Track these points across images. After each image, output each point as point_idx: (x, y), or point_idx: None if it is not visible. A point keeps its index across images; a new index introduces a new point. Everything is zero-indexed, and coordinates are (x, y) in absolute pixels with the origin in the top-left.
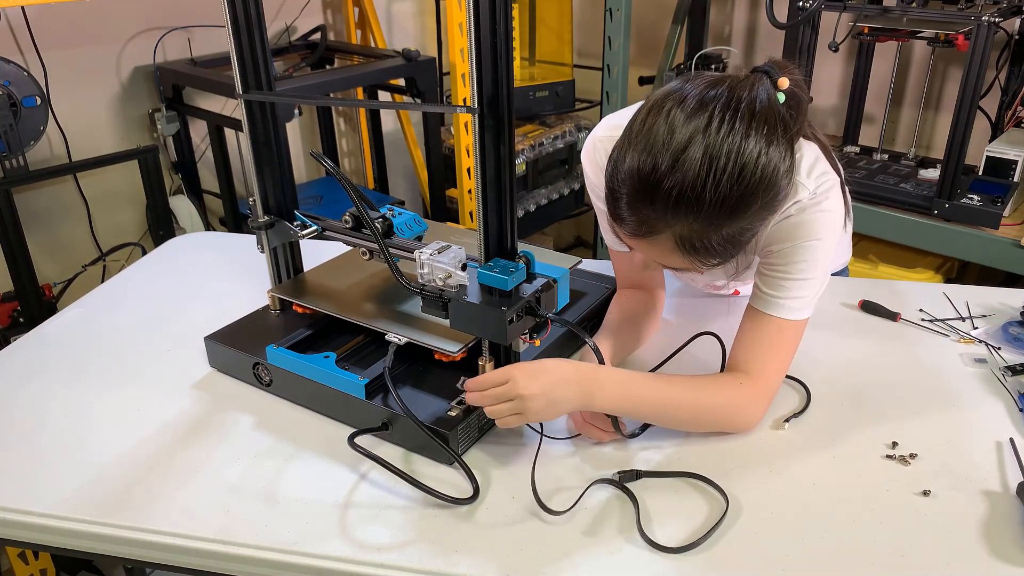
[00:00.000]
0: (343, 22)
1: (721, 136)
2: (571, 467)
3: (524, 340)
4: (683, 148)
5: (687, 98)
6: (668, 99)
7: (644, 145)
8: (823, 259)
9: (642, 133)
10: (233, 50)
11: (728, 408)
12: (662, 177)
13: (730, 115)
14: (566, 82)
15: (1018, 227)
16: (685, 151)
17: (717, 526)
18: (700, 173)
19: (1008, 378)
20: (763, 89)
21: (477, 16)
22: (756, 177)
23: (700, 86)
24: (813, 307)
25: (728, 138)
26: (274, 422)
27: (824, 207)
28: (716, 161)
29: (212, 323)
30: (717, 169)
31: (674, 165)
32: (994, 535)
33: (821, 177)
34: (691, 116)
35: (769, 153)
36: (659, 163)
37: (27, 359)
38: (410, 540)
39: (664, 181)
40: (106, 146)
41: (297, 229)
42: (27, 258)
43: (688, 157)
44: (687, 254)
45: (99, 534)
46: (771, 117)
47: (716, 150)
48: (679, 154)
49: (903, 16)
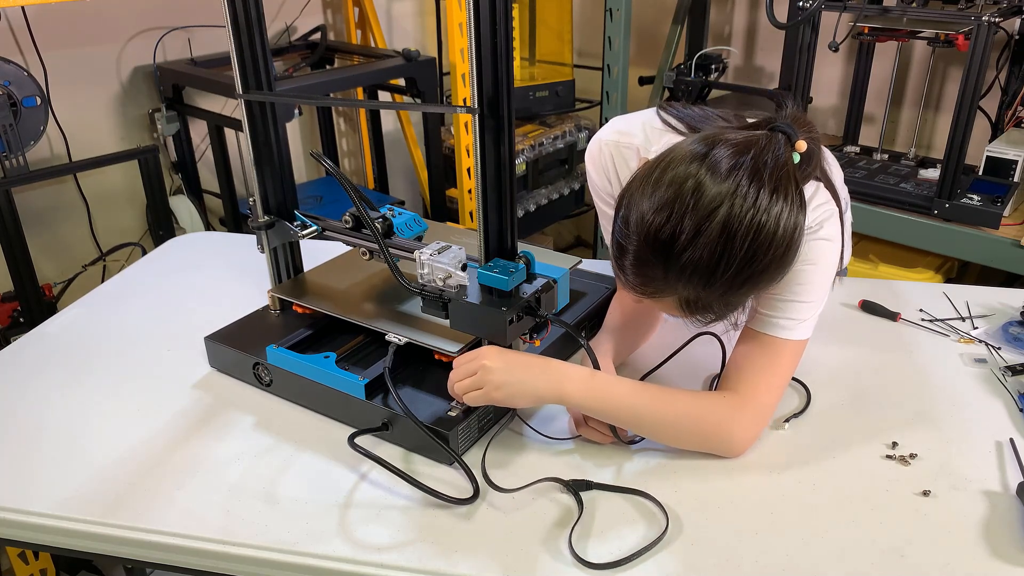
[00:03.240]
0: (343, 22)
1: (740, 212)
2: (566, 464)
3: (524, 340)
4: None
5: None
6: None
7: (660, 207)
8: (818, 283)
9: (658, 199)
10: (233, 50)
11: (710, 421)
12: (678, 252)
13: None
14: (566, 82)
15: (1018, 227)
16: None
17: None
18: (716, 252)
19: (1008, 378)
20: (782, 153)
21: (477, 16)
22: (768, 257)
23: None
24: (809, 331)
25: (747, 217)
26: (274, 422)
27: (820, 235)
28: (732, 242)
29: (212, 323)
30: (732, 250)
31: (691, 241)
32: (994, 535)
33: (819, 208)
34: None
35: (784, 227)
36: (676, 235)
37: (27, 359)
38: (410, 540)
39: (678, 255)
40: (106, 146)
41: (297, 229)
42: (27, 258)
43: (706, 232)
44: (689, 313)
45: (99, 534)
46: (789, 186)
47: (734, 230)
48: (697, 229)
49: (903, 16)
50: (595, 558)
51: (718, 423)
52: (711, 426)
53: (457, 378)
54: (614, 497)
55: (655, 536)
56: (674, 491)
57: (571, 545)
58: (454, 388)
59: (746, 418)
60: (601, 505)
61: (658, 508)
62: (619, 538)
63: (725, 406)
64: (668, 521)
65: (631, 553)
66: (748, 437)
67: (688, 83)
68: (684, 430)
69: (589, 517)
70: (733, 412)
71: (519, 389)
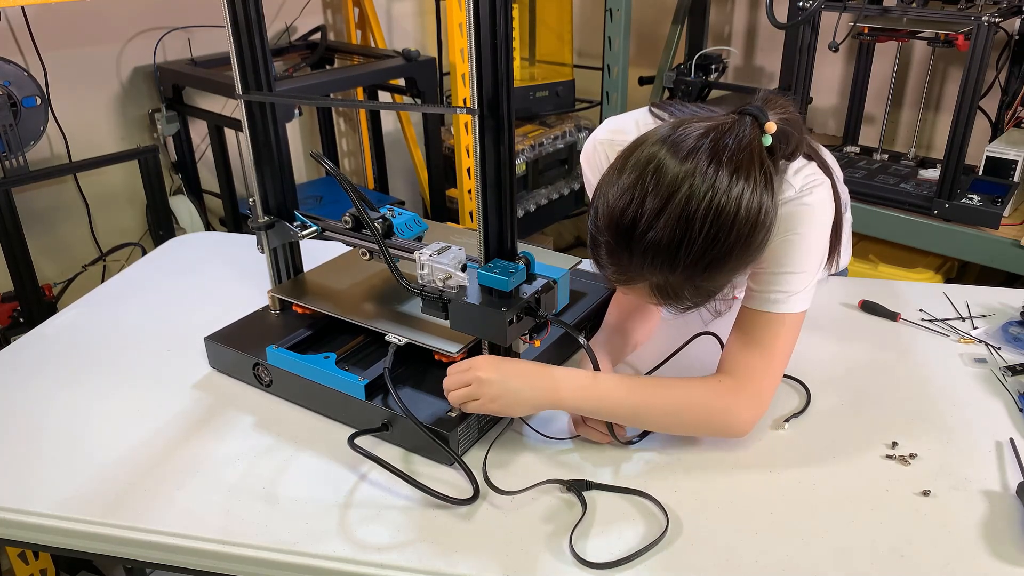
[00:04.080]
0: (343, 22)
1: (699, 193)
2: (565, 464)
3: (524, 341)
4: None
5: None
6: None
7: (623, 191)
8: (807, 251)
9: (621, 185)
10: (233, 50)
11: (708, 408)
12: (640, 234)
13: (712, 171)
14: (566, 82)
15: (1018, 227)
16: (662, 210)
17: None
18: (676, 234)
19: (1008, 378)
20: (746, 135)
21: (477, 16)
22: (731, 238)
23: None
24: (804, 303)
25: (706, 198)
26: (274, 422)
27: (806, 201)
28: (692, 224)
29: (212, 323)
30: (692, 232)
31: (651, 223)
32: (994, 535)
33: (808, 177)
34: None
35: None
36: (637, 218)
37: (27, 359)
38: (410, 540)
39: (640, 238)
40: (106, 146)
41: (297, 229)
42: (27, 258)
43: (665, 214)
44: (663, 300)
45: (99, 534)
46: (752, 167)
47: (692, 211)
48: (657, 211)
49: (903, 16)
50: (595, 558)
51: (716, 410)
52: (710, 413)
53: (452, 387)
54: (614, 497)
55: (655, 536)
56: (674, 491)
57: (571, 545)
58: (450, 396)
59: (743, 401)
60: (601, 505)
61: (658, 508)
62: (619, 538)
63: (722, 391)
64: (668, 521)
65: (631, 553)
66: (748, 419)
67: (688, 83)
68: (684, 420)
69: (589, 517)
70: (730, 397)
71: (515, 399)
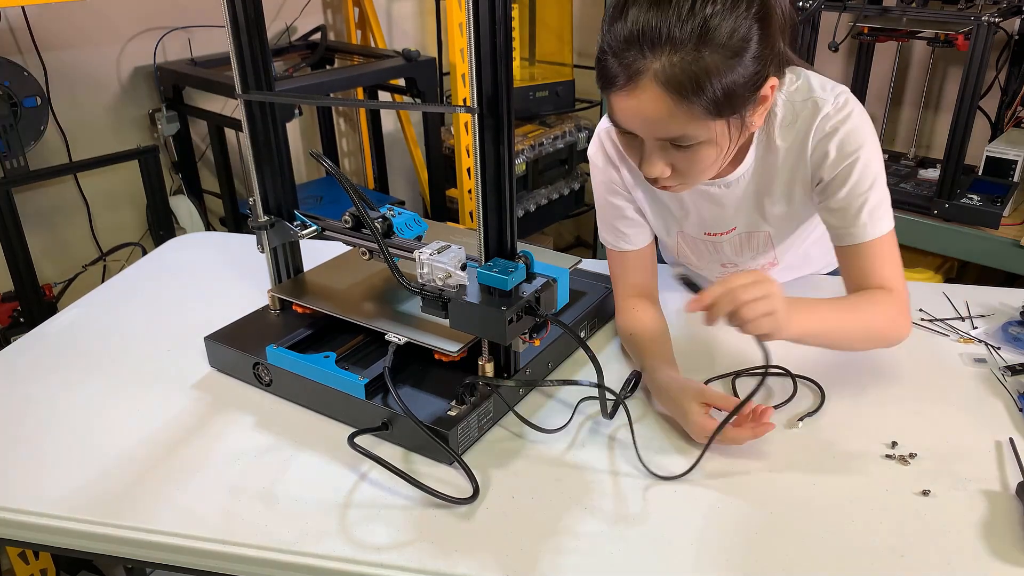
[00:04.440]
0: (343, 22)
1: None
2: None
3: (524, 340)
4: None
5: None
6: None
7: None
8: (873, 163)
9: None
10: (233, 50)
11: (890, 321)
12: (634, 23)
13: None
14: (566, 82)
15: (1018, 227)
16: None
17: None
18: (668, 13)
19: (1008, 378)
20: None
21: (477, 16)
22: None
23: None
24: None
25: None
26: (274, 422)
27: (853, 117)
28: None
29: (212, 323)
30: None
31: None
32: (994, 535)
33: (835, 88)
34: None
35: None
36: (631, 14)
37: (27, 359)
38: (410, 540)
39: (637, 24)
40: (106, 146)
41: (297, 229)
42: (27, 258)
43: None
44: (675, 97)
45: (99, 534)
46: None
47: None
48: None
49: (903, 16)
50: (594, 555)
51: (894, 319)
52: (890, 326)
53: (750, 296)
54: (613, 497)
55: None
56: (673, 491)
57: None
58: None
59: (907, 309)
60: (601, 504)
61: (658, 507)
62: (620, 535)
63: (893, 305)
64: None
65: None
66: (910, 325)
67: None
68: (872, 336)
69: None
70: (899, 305)
71: (783, 320)
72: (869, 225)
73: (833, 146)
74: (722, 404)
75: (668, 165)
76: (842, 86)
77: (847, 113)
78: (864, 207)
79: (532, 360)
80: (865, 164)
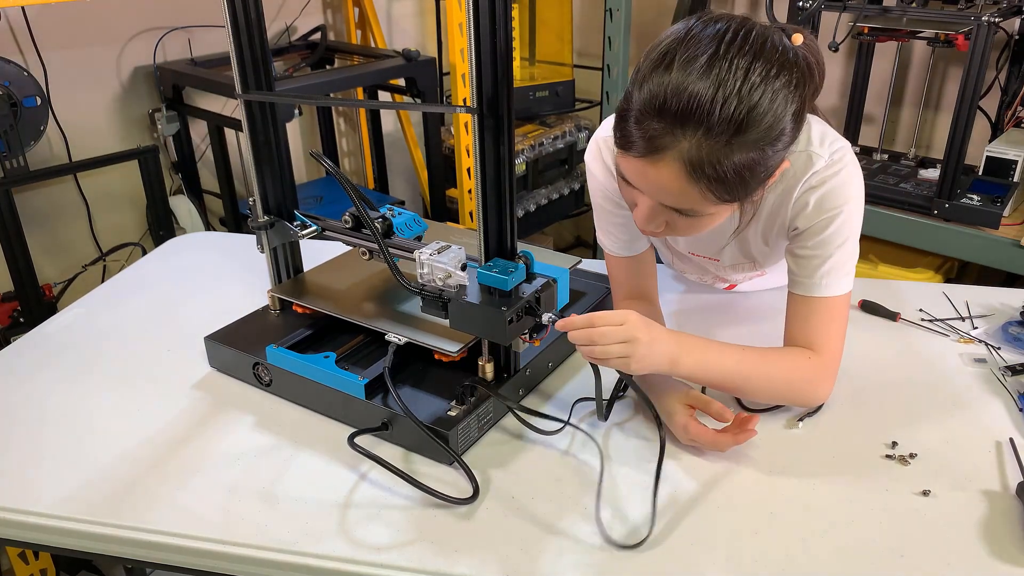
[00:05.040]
0: (343, 22)
1: (731, 60)
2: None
3: (524, 340)
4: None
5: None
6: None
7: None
8: (851, 223)
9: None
10: (233, 50)
11: (801, 380)
12: (671, 93)
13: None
14: (566, 82)
15: (1018, 227)
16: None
17: None
18: (707, 91)
19: (1008, 378)
20: (777, 35)
21: (477, 16)
22: (765, 101)
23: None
24: (851, 281)
25: (738, 60)
26: (274, 422)
27: (841, 175)
28: (724, 83)
29: (212, 323)
30: (725, 88)
31: (683, 83)
32: (994, 535)
33: (834, 144)
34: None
35: (776, 84)
36: (667, 81)
37: (27, 359)
38: (410, 540)
39: (672, 97)
40: (106, 146)
41: (297, 229)
42: (27, 258)
43: (699, 77)
44: (694, 179)
45: (99, 534)
46: (783, 58)
47: (725, 74)
48: (690, 74)
49: (903, 16)
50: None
51: (809, 382)
52: (803, 384)
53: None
54: (613, 496)
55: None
56: (673, 490)
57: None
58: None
59: (830, 374)
60: (600, 504)
61: (657, 507)
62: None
63: (812, 364)
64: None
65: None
66: (830, 389)
67: None
68: (778, 390)
69: (588, 513)
70: (819, 370)
71: (649, 363)
72: (824, 282)
73: (815, 198)
74: (701, 407)
75: (664, 223)
76: (843, 140)
77: (838, 169)
78: (826, 263)
79: (532, 360)
80: (843, 223)
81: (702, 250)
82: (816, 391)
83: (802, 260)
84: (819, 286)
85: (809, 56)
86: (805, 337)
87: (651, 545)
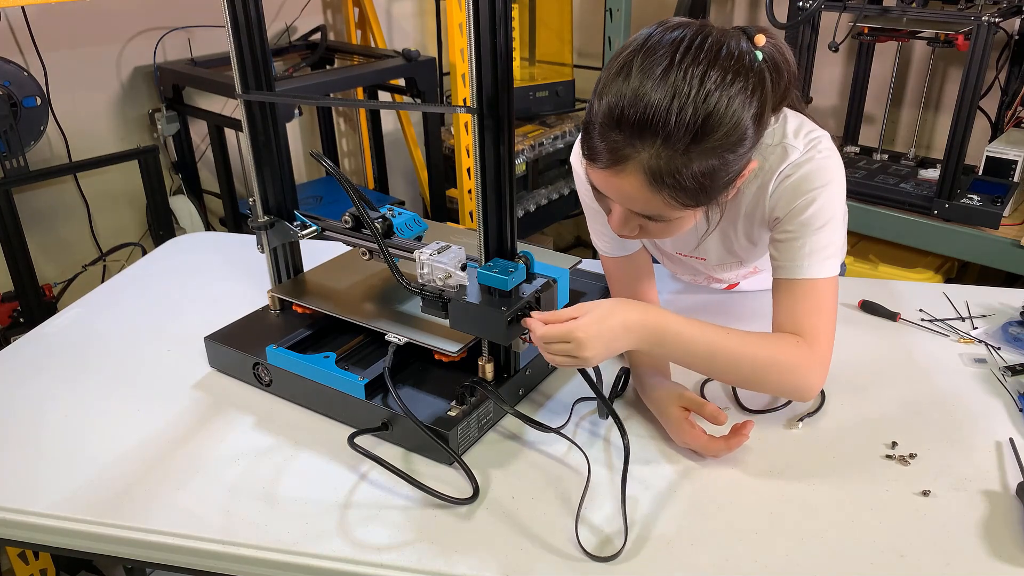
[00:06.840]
0: (343, 22)
1: (685, 69)
2: (564, 462)
3: (524, 340)
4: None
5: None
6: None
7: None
8: (830, 206)
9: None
10: (233, 50)
11: (788, 367)
12: (628, 104)
13: (697, 53)
14: (566, 82)
15: (1018, 227)
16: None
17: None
18: (663, 101)
19: (1008, 378)
20: (735, 40)
21: (477, 16)
22: (721, 108)
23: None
24: (840, 256)
25: (692, 69)
26: (274, 422)
27: (817, 159)
28: (680, 92)
29: (212, 323)
30: (680, 97)
31: (639, 93)
32: (994, 535)
33: (809, 135)
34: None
35: (732, 91)
36: (625, 92)
37: (27, 359)
38: (410, 540)
39: (629, 108)
40: (106, 146)
41: (297, 229)
42: (27, 258)
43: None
44: (656, 188)
45: (99, 534)
46: (739, 64)
47: (680, 83)
48: (646, 85)
49: (903, 16)
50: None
51: (797, 369)
52: (791, 371)
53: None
54: (612, 496)
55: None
56: (673, 490)
57: (577, 532)
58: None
59: (820, 363)
60: (600, 503)
61: (657, 507)
62: (617, 536)
63: (800, 352)
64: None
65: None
66: (822, 381)
67: None
68: (766, 375)
69: (587, 514)
70: (807, 359)
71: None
72: (807, 263)
73: (790, 183)
74: (696, 409)
75: (638, 226)
76: (820, 131)
77: (813, 154)
78: (807, 245)
79: (532, 360)
80: (822, 205)
81: (686, 250)
82: (806, 379)
83: (783, 244)
84: (802, 268)
85: (776, 55)
86: (793, 323)
87: (651, 545)
